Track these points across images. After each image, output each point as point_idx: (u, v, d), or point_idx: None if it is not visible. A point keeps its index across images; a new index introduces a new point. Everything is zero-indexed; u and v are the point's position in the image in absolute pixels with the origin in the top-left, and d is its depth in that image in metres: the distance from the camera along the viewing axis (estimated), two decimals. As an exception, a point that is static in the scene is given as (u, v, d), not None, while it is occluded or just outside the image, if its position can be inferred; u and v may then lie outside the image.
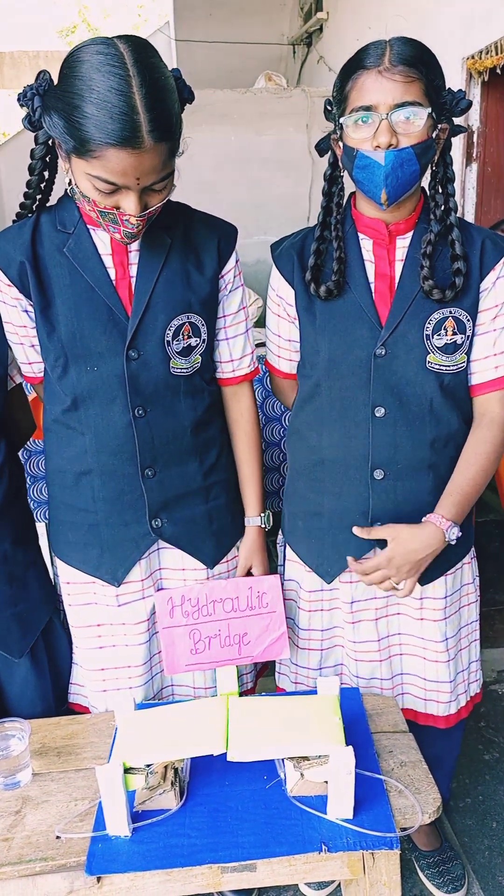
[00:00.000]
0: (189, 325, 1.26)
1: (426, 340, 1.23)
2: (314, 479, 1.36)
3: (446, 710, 1.41)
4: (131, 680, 1.37)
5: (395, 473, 1.28)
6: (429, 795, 1.10)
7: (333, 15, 5.66)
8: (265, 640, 1.36)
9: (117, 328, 1.22)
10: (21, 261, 1.20)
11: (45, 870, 1.02)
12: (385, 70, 1.10)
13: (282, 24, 6.85)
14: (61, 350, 1.22)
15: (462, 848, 1.67)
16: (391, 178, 1.13)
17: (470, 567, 1.42)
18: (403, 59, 1.10)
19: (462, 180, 3.56)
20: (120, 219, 1.09)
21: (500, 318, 1.24)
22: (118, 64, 0.98)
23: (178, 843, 1.03)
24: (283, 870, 1.04)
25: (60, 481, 1.34)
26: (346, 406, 1.28)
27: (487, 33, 3.21)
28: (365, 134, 1.12)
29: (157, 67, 1.03)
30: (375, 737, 1.22)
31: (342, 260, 1.25)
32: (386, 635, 1.39)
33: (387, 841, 1.02)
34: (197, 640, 1.34)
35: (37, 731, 1.26)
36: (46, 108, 1.07)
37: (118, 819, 1.03)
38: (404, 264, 1.24)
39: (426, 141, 1.13)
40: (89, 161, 1.02)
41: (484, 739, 2.01)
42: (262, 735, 1.08)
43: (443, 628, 1.37)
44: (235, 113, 4.17)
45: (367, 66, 1.11)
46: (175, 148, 1.08)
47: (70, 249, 1.21)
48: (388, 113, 1.10)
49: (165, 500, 1.32)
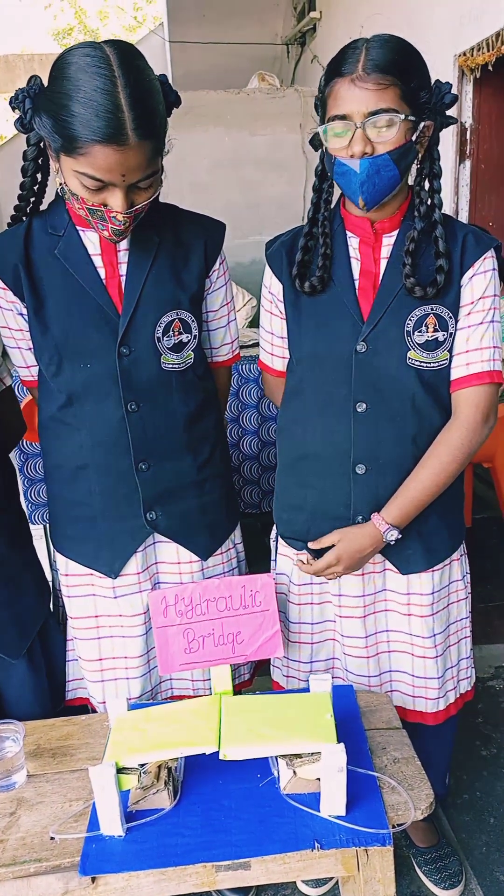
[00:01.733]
0: (179, 321, 1.29)
1: (407, 337, 1.24)
2: (298, 474, 1.38)
3: (435, 707, 1.42)
4: (128, 671, 1.40)
5: (377, 468, 1.29)
6: (422, 792, 1.10)
7: (326, 14, 5.67)
8: (258, 639, 1.36)
9: (108, 326, 1.24)
10: (14, 263, 1.23)
11: (40, 871, 1.02)
12: (358, 78, 1.09)
13: (275, 24, 6.85)
14: (55, 349, 1.25)
15: (459, 844, 1.68)
16: (367, 185, 1.14)
17: (459, 563, 1.43)
18: (377, 65, 1.09)
19: (456, 177, 3.56)
20: (107, 216, 1.12)
21: (474, 314, 1.24)
22: (104, 66, 1.03)
23: (172, 842, 1.03)
24: (277, 868, 1.04)
25: (58, 477, 1.37)
26: (329, 401, 1.30)
27: (479, 30, 3.22)
28: (341, 143, 1.14)
29: (142, 70, 1.07)
30: (369, 734, 1.22)
31: (327, 256, 1.27)
32: (374, 632, 1.40)
33: (379, 837, 1.02)
34: (191, 640, 1.34)
35: (31, 733, 1.27)
36: (37, 109, 1.11)
37: (112, 819, 1.03)
38: (388, 262, 1.25)
39: (404, 145, 1.13)
40: (77, 158, 1.06)
41: (481, 735, 2.02)
42: (254, 733, 1.08)
43: (430, 624, 1.37)
44: (229, 113, 4.17)
45: (341, 73, 1.12)
46: (159, 147, 1.11)
47: (61, 251, 1.24)
48: (361, 122, 1.10)
49: (159, 493, 1.34)
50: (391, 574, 1.37)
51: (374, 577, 1.37)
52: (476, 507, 3.27)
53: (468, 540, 1.48)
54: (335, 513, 1.33)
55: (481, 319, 1.24)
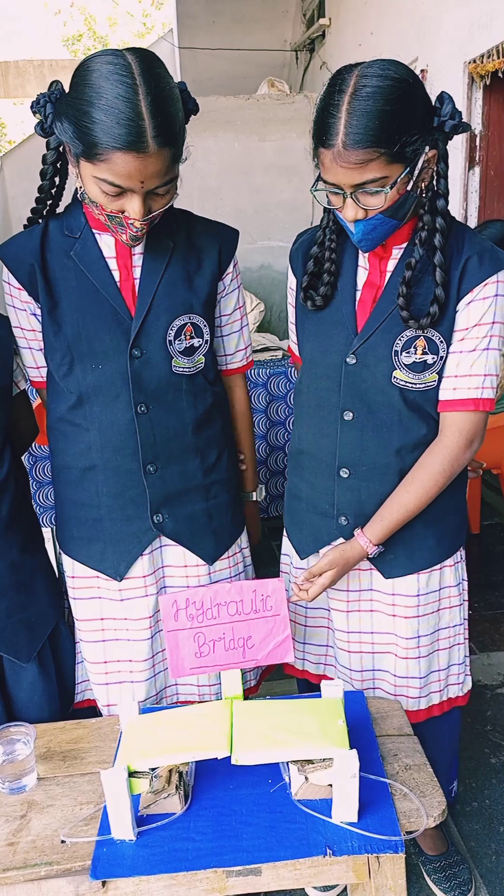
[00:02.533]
0: (191, 325, 1.30)
1: (394, 356, 1.24)
2: (297, 466, 1.45)
3: (416, 706, 1.42)
4: (133, 675, 1.40)
5: (361, 474, 1.32)
6: (433, 799, 1.09)
7: (336, 21, 5.69)
8: (269, 644, 1.36)
9: (121, 328, 1.26)
10: (31, 263, 1.25)
11: (51, 874, 1.02)
12: (338, 156, 1.07)
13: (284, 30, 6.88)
14: (67, 349, 1.26)
15: (469, 852, 1.67)
16: (364, 241, 1.18)
17: (453, 570, 1.41)
18: (357, 140, 1.04)
19: (465, 184, 3.57)
20: (125, 222, 1.14)
21: (467, 340, 1.23)
22: (126, 73, 1.04)
23: (182, 847, 1.03)
24: (287, 874, 1.04)
25: (66, 477, 1.37)
26: (321, 406, 1.34)
27: (489, 38, 3.22)
28: (336, 203, 1.16)
29: (163, 78, 1.08)
30: (380, 740, 1.21)
31: (332, 273, 1.29)
32: (357, 630, 1.41)
33: (391, 844, 1.01)
34: (201, 644, 1.34)
35: (42, 736, 1.27)
36: (58, 114, 1.13)
37: (123, 823, 1.03)
38: (392, 276, 1.25)
39: (398, 200, 1.13)
40: (96, 164, 1.08)
41: (490, 743, 2.01)
42: (266, 738, 1.08)
43: (415, 626, 1.38)
44: (238, 119, 4.19)
45: (324, 143, 1.09)
46: (178, 154, 1.13)
47: (76, 253, 1.25)
48: (350, 192, 1.11)
49: (167, 495, 1.35)
50: (377, 574, 1.38)
51: (360, 574, 1.38)
52: (484, 514, 3.26)
53: (476, 547, 1.48)
54: (322, 509, 1.38)
55: (474, 346, 1.22)
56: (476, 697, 2.19)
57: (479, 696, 2.20)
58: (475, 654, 2.36)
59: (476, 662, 2.33)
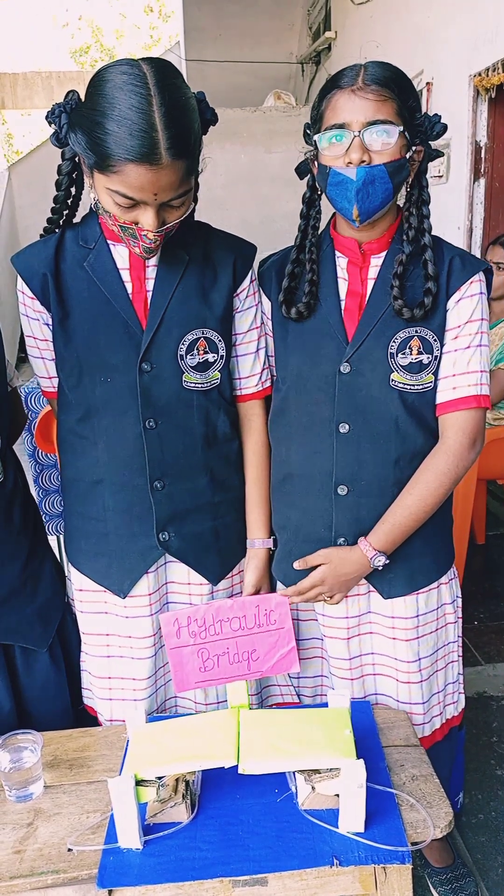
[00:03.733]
0: (204, 340, 1.28)
1: (390, 359, 1.24)
2: (283, 493, 1.38)
3: (420, 733, 1.39)
4: (136, 693, 1.38)
5: (359, 490, 1.29)
6: (440, 810, 1.09)
7: (342, 34, 5.73)
8: (274, 656, 1.36)
9: (132, 341, 1.24)
10: (44, 273, 1.24)
11: (57, 882, 1.02)
12: (358, 89, 1.13)
13: (290, 43, 6.93)
14: (76, 360, 1.25)
15: (475, 865, 1.66)
16: (362, 193, 1.15)
17: (449, 587, 1.40)
18: (376, 78, 1.13)
19: (470, 195, 3.58)
20: (139, 234, 1.12)
21: (461, 338, 1.24)
22: (140, 83, 1.02)
23: (189, 856, 1.03)
24: (294, 884, 1.03)
25: (75, 490, 1.36)
26: (312, 421, 1.30)
27: (494, 51, 3.25)
28: (338, 151, 1.15)
29: (179, 88, 1.07)
30: (387, 750, 1.21)
31: (314, 282, 1.28)
32: (358, 654, 1.38)
33: (398, 855, 1.01)
34: (205, 659, 1.34)
35: (49, 744, 1.27)
36: (72, 124, 1.12)
37: (130, 832, 1.03)
38: (375, 283, 1.26)
39: (399, 160, 1.15)
40: (109, 176, 1.06)
41: (496, 755, 2.00)
42: (273, 748, 1.08)
43: (415, 648, 1.35)
44: (245, 131, 4.23)
45: (341, 85, 1.15)
46: (193, 166, 1.11)
47: (90, 264, 1.24)
48: (360, 131, 1.13)
49: (173, 513, 1.32)
50: (375, 596, 1.35)
51: (358, 599, 1.36)
52: (490, 524, 3.26)
53: (481, 557, 1.48)
54: (317, 535, 1.32)
55: (468, 343, 1.24)
56: (482, 708, 2.18)
57: (485, 707, 2.19)
58: (481, 665, 2.35)
59: (482, 673, 2.32)
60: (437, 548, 1.36)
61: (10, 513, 1.32)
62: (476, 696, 2.23)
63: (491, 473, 2.88)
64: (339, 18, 5.71)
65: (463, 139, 3.51)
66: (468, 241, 3.64)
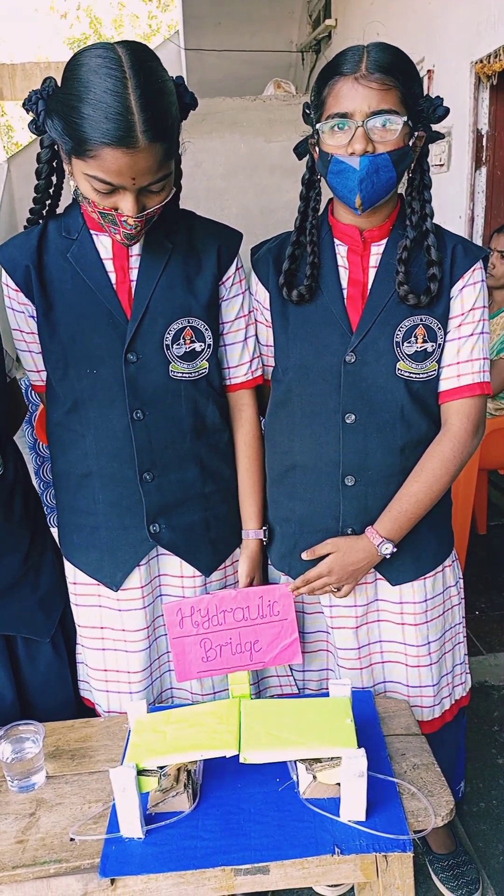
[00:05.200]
0: (191, 329, 1.26)
1: (396, 347, 1.23)
2: (287, 485, 1.36)
3: (430, 715, 1.40)
4: (131, 685, 1.38)
5: (366, 480, 1.28)
6: (441, 798, 1.09)
7: (342, 22, 5.69)
8: (277, 647, 1.36)
9: (116, 331, 1.23)
10: (27, 264, 1.22)
11: (60, 872, 1.03)
12: (361, 77, 1.10)
13: (290, 31, 6.88)
14: (62, 352, 1.24)
15: (476, 853, 1.67)
16: (366, 182, 1.14)
17: (452, 569, 1.41)
18: (380, 66, 1.10)
19: (471, 183, 3.56)
20: (118, 220, 1.11)
21: (465, 325, 1.24)
22: (115, 66, 1.00)
23: (191, 845, 1.04)
24: (296, 872, 1.04)
25: (65, 484, 1.35)
26: (317, 412, 1.29)
27: (496, 37, 3.22)
28: (341, 140, 1.13)
29: (155, 70, 1.05)
30: (388, 739, 1.22)
31: (315, 265, 1.26)
32: (367, 643, 1.38)
33: (399, 843, 1.02)
34: (208, 649, 1.34)
35: (51, 734, 1.27)
36: (49, 111, 1.10)
37: (132, 821, 1.04)
38: (377, 271, 1.25)
39: (402, 148, 1.14)
40: (87, 161, 1.05)
41: (498, 743, 2.00)
42: (274, 737, 1.08)
43: (424, 632, 1.36)
44: (245, 120, 4.20)
45: (343, 72, 1.12)
46: (172, 150, 1.09)
47: (73, 254, 1.23)
48: (363, 120, 1.11)
49: (164, 505, 1.31)
50: (383, 584, 1.35)
51: (366, 587, 1.35)
52: (491, 514, 3.26)
53: (482, 547, 1.48)
54: (324, 525, 1.32)
55: (472, 331, 1.24)
56: (483, 698, 2.19)
57: (487, 696, 2.20)
58: (482, 655, 2.36)
59: (483, 663, 2.33)
60: (440, 532, 1.37)
61: (11, 504, 1.32)
62: (477, 685, 2.23)
63: (492, 464, 2.88)
64: (339, 6, 5.66)
65: (464, 127, 3.49)
66: (470, 230, 3.62)
